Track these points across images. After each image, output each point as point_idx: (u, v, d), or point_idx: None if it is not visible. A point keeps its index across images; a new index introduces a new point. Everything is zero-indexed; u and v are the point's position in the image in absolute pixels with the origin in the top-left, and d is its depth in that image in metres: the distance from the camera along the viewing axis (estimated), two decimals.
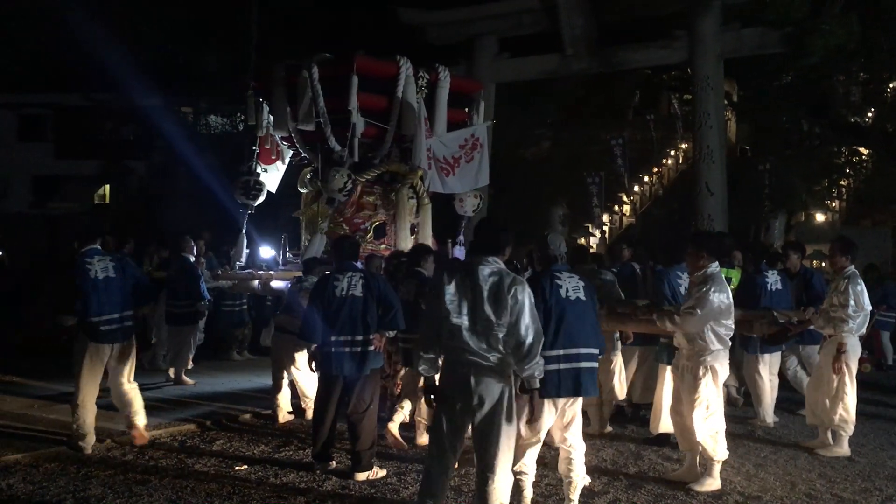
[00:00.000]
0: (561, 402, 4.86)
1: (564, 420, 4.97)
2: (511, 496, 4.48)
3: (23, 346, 10.68)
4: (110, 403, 8.11)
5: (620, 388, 7.37)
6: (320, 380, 6.23)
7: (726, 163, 14.70)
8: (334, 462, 6.08)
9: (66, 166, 26.92)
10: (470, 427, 4.38)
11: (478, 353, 4.26)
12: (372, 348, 5.96)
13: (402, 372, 7.07)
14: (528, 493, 4.99)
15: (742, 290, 7.33)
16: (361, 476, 5.79)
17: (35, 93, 25.89)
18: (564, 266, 5.12)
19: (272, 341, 8.11)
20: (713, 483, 5.62)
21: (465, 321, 4.28)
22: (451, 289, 4.34)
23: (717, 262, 5.62)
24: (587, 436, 7.06)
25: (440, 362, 4.47)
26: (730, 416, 7.71)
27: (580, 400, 5.00)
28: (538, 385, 4.44)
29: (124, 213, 22.20)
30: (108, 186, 28.03)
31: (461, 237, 9.85)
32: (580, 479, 5.06)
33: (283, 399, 7.67)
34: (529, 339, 4.26)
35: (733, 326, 5.62)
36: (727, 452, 5.75)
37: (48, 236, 17.94)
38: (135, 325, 6.91)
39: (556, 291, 4.87)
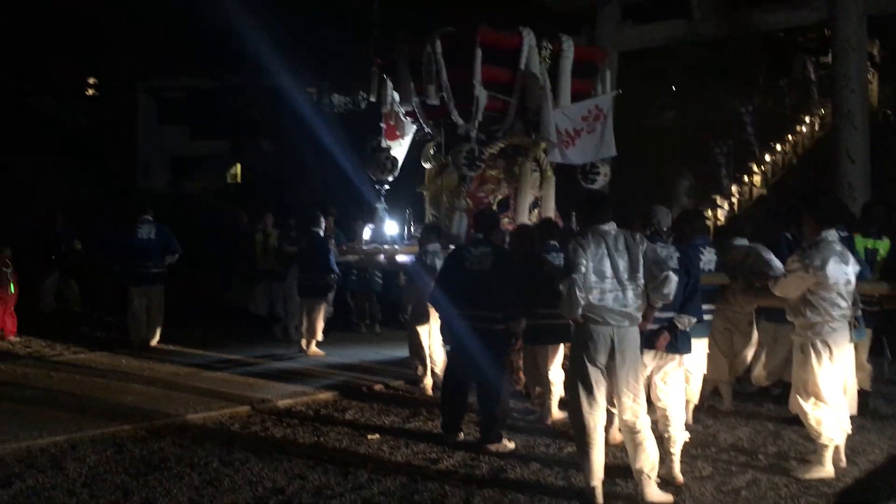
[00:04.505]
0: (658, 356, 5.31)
1: (663, 375, 5.35)
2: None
3: (176, 313, 11.32)
4: (251, 371, 8.62)
5: (742, 365, 7.11)
6: (449, 352, 6.31)
7: (868, 128, 13.77)
8: (462, 434, 6.15)
9: (201, 147, 28.21)
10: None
11: (621, 312, 4.71)
12: (501, 327, 5.98)
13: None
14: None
15: (891, 261, 6.86)
16: (491, 448, 5.83)
17: (172, 77, 27.19)
18: (661, 238, 5.50)
19: (409, 315, 8.26)
20: (822, 471, 5.31)
21: (607, 283, 4.71)
22: (591, 254, 4.73)
23: (832, 231, 5.41)
24: (721, 413, 6.92)
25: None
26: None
27: (678, 359, 5.37)
28: (659, 304, 4.93)
29: (255, 190, 23.07)
30: (239, 165, 29.20)
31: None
32: (678, 434, 5.27)
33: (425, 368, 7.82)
34: (672, 276, 4.80)
35: (844, 304, 5.31)
36: (842, 435, 5.42)
37: (186, 213, 18.87)
38: (164, 274, 9.94)
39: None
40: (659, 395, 5.38)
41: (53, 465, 5.41)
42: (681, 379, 5.54)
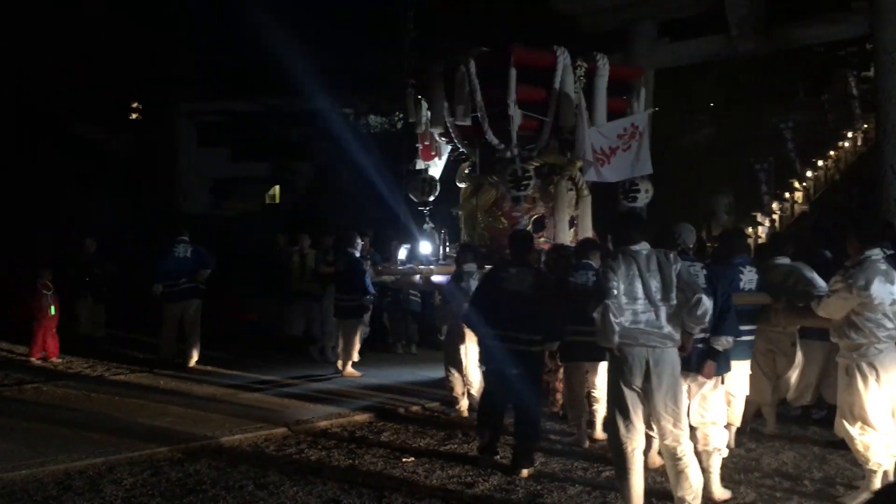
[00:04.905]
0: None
1: (701, 397, 5.30)
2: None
3: (213, 334, 11.44)
4: (287, 392, 8.62)
5: (786, 387, 6.93)
6: (486, 374, 6.24)
7: None
8: (499, 455, 6.07)
9: (241, 169, 28.60)
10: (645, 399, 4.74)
11: (655, 334, 4.62)
12: (538, 349, 5.93)
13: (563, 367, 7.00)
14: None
15: None
16: (526, 472, 5.75)
17: (212, 101, 27.66)
18: (688, 256, 5.33)
19: (445, 336, 8.21)
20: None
21: (639, 305, 4.64)
22: (621, 276, 4.65)
23: (876, 249, 5.24)
24: (764, 437, 6.74)
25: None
26: None
27: (715, 379, 5.28)
28: (697, 332, 4.80)
29: (293, 211, 23.29)
30: (277, 187, 29.52)
31: None
32: (716, 449, 5.26)
33: (461, 389, 7.75)
34: (705, 301, 4.66)
35: (891, 325, 5.12)
36: (891, 460, 5.21)
37: (226, 235, 19.10)
38: (199, 288, 10.25)
39: None
40: (698, 416, 5.30)
41: (91, 487, 5.44)
42: (721, 399, 5.45)
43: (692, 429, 5.08)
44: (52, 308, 10.46)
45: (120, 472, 5.77)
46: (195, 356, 10.23)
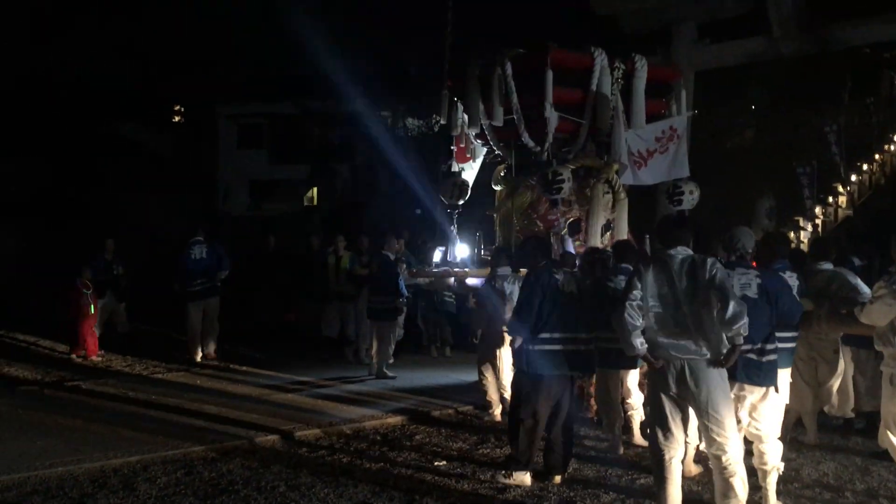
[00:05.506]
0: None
1: (749, 408, 5.10)
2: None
3: (250, 335, 11.54)
4: (321, 394, 8.66)
5: (827, 395, 6.75)
6: (537, 379, 5.89)
7: None
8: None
9: (279, 171, 28.80)
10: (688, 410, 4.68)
11: (686, 339, 4.50)
12: (592, 348, 5.88)
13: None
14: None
15: None
16: (558, 478, 5.67)
17: (252, 103, 27.94)
18: (745, 263, 5.24)
19: (479, 339, 8.14)
20: None
21: (669, 309, 4.54)
22: (649, 280, 4.58)
23: None
24: (805, 447, 6.58)
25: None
26: None
27: (761, 390, 5.07)
28: (741, 342, 4.53)
29: (331, 213, 23.42)
30: (315, 189, 29.70)
31: None
32: (772, 467, 5.08)
33: (495, 394, 7.70)
34: (733, 305, 4.43)
35: None
36: None
37: (264, 236, 19.26)
38: (216, 286, 10.58)
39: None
40: (753, 430, 5.16)
41: (125, 485, 5.49)
42: (772, 410, 5.22)
43: (747, 443, 4.97)
44: (92, 307, 10.64)
45: (154, 470, 5.83)
46: (212, 350, 10.65)
